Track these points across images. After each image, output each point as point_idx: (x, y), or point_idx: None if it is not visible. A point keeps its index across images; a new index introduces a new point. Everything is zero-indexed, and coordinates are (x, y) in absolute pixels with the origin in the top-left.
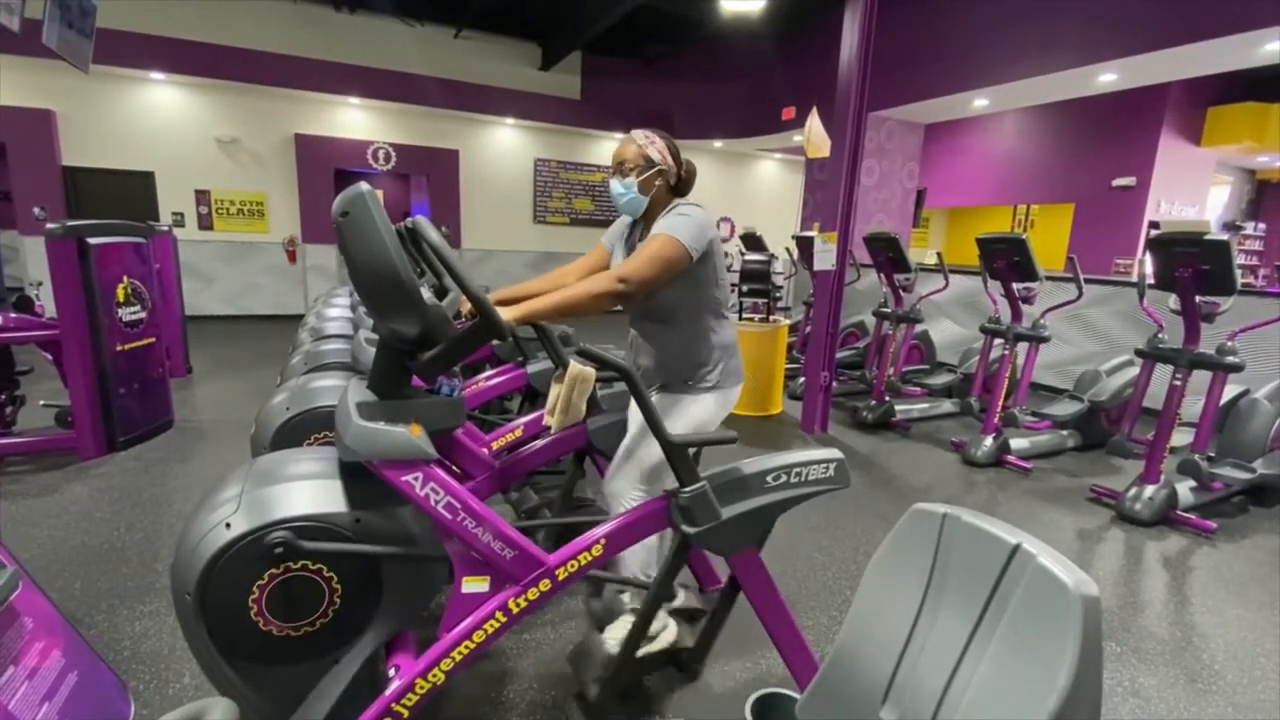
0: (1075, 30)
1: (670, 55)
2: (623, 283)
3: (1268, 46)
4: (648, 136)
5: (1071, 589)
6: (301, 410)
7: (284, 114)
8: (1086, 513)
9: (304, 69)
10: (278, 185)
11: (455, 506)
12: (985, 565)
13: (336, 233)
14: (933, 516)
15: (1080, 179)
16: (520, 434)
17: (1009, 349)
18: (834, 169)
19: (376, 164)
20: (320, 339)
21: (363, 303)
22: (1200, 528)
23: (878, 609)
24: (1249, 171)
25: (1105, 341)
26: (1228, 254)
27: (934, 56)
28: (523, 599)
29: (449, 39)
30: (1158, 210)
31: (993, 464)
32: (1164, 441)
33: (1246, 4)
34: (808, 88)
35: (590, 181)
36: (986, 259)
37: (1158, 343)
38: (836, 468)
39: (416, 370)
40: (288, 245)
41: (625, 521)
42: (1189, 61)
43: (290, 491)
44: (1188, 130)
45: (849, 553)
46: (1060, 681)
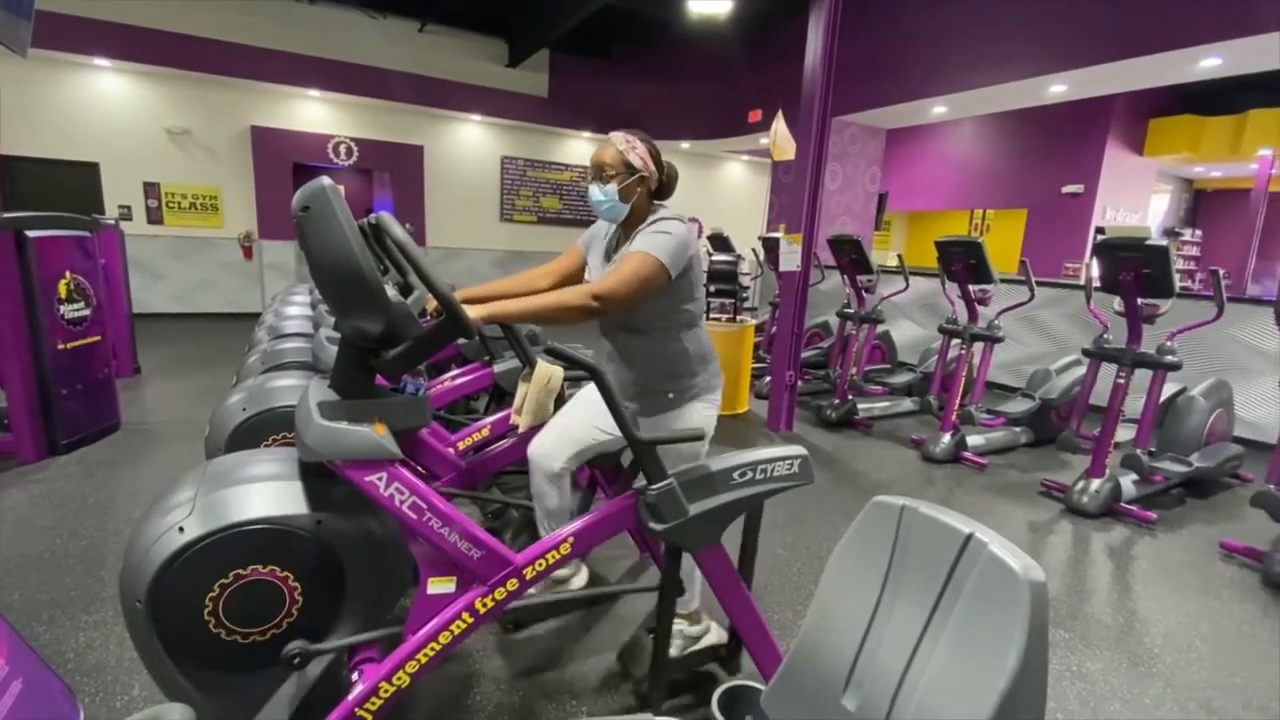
0: (1029, 42)
1: (638, 55)
2: (597, 300)
3: (1204, 62)
4: (628, 140)
5: (1020, 575)
6: (259, 410)
7: (239, 105)
8: (1037, 506)
9: (261, 59)
10: (232, 179)
11: (421, 507)
12: (940, 555)
13: (297, 228)
14: (891, 508)
15: (1032, 185)
16: (487, 433)
17: (966, 349)
18: (799, 172)
19: (338, 159)
20: (278, 338)
21: (325, 300)
22: (1142, 519)
23: (839, 600)
24: (1187, 180)
25: (1055, 342)
26: (1167, 259)
27: (896, 64)
28: (490, 599)
29: (414, 33)
30: (1104, 216)
31: (951, 460)
32: (1109, 437)
33: (1186, 22)
34: (773, 91)
35: (558, 180)
36: (944, 262)
37: (1103, 343)
38: (800, 464)
39: (381, 369)
40: (243, 241)
41: (592, 520)
42: (1133, 75)
43: (247, 493)
44: (1131, 141)
45: (813, 548)
46: (1009, 664)
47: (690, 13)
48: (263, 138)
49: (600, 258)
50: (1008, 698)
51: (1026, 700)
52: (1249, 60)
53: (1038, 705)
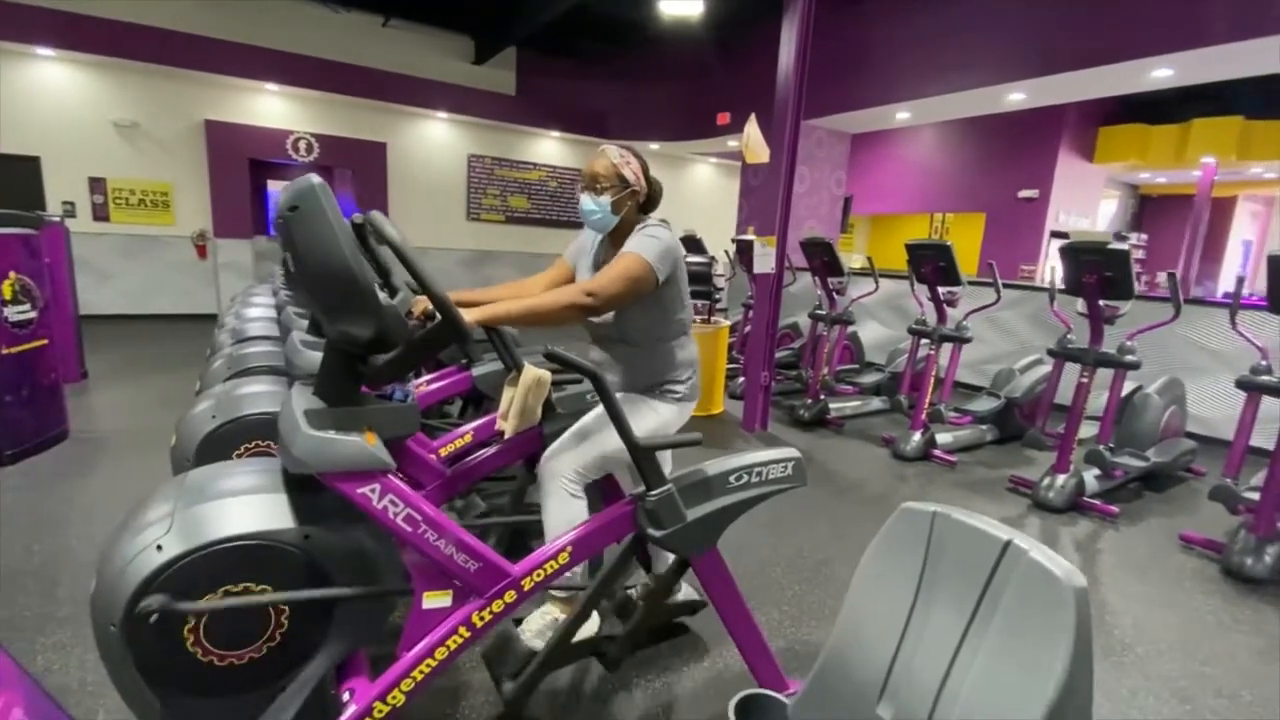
0: (990, 51)
1: (607, 55)
2: (590, 296)
3: (1154, 73)
4: (623, 155)
5: (1064, 581)
6: (230, 419)
7: (192, 98)
8: (1006, 502)
9: (215, 51)
10: (185, 175)
11: (415, 518)
12: (977, 561)
13: (281, 228)
14: (922, 515)
15: (990, 190)
16: (469, 439)
17: (935, 349)
18: (772, 175)
19: (297, 155)
20: (243, 341)
21: (309, 304)
22: (1105, 512)
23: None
24: (1133, 186)
25: (1016, 341)
26: (1127, 262)
27: (862, 70)
28: (487, 612)
29: (376, 27)
30: (1057, 221)
31: (920, 458)
32: (1074, 434)
33: (1140, 34)
34: (742, 94)
35: (526, 180)
36: (914, 264)
37: (1067, 343)
38: (794, 466)
39: (371, 375)
40: (197, 240)
41: (591, 528)
42: (1088, 84)
43: (229, 508)
44: (1082, 148)
45: (795, 547)
46: (1057, 670)
47: (662, 14)
48: (217, 132)
49: (589, 268)
50: (1056, 705)
51: (1075, 706)
52: (1198, 71)
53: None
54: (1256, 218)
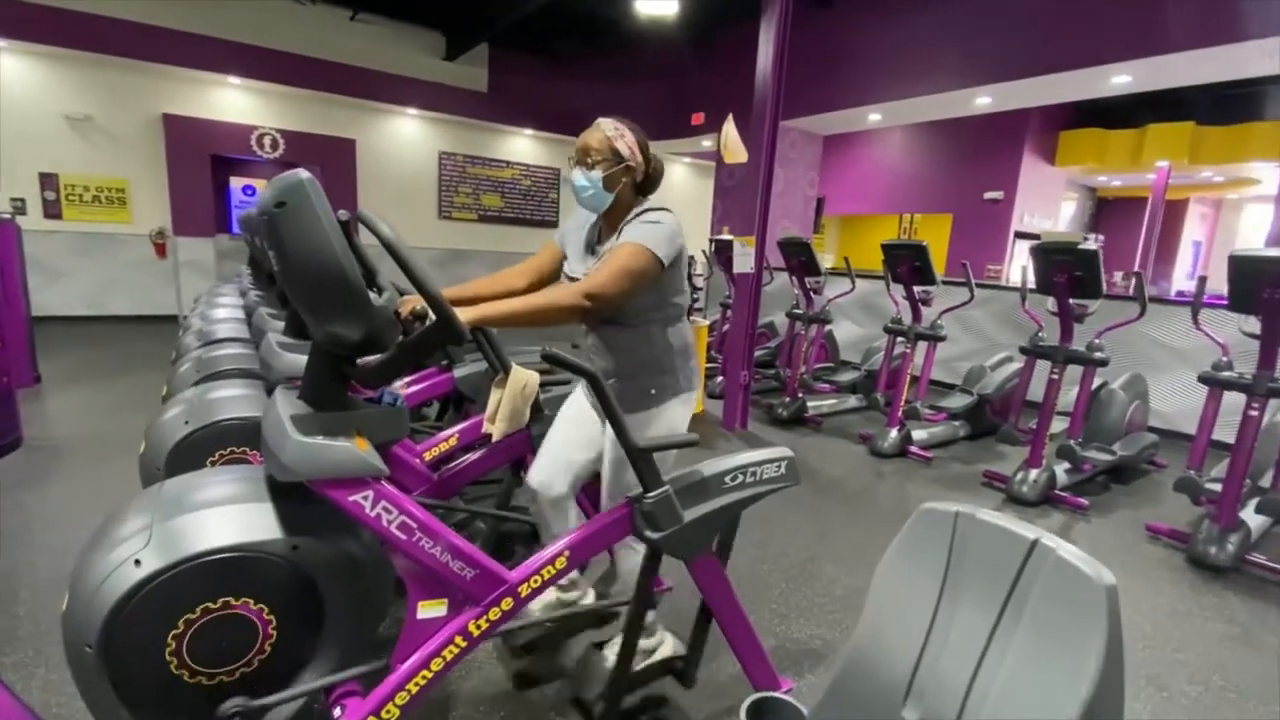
0: (958, 56)
1: (581, 53)
2: (590, 299)
3: (1116, 79)
4: (617, 128)
5: (1095, 579)
6: (202, 424)
7: (150, 91)
8: (981, 496)
9: (174, 42)
10: (142, 170)
11: (410, 526)
12: (1003, 561)
13: (264, 226)
14: (944, 516)
15: (957, 191)
16: (455, 443)
17: (910, 347)
18: (749, 176)
19: (262, 151)
20: (211, 344)
21: (295, 304)
22: (1075, 505)
23: (892, 610)
24: (1091, 189)
25: (985, 339)
26: (1097, 262)
27: (835, 72)
28: (484, 620)
29: (344, 21)
30: (1021, 221)
31: (897, 454)
32: (1046, 430)
33: (1101, 42)
34: (716, 94)
35: (499, 178)
36: (890, 264)
37: (1038, 341)
38: (788, 466)
39: (362, 377)
40: (155, 238)
41: (587, 532)
42: (1052, 89)
43: (211, 519)
44: (1044, 151)
45: (781, 545)
46: (1090, 670)
47: (638, 13)
48: (177, 127)
49: (580, 250)
50: (1090, 705)
51: (1108, 706)
52: (1155, 78)
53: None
54: (1205, 219)
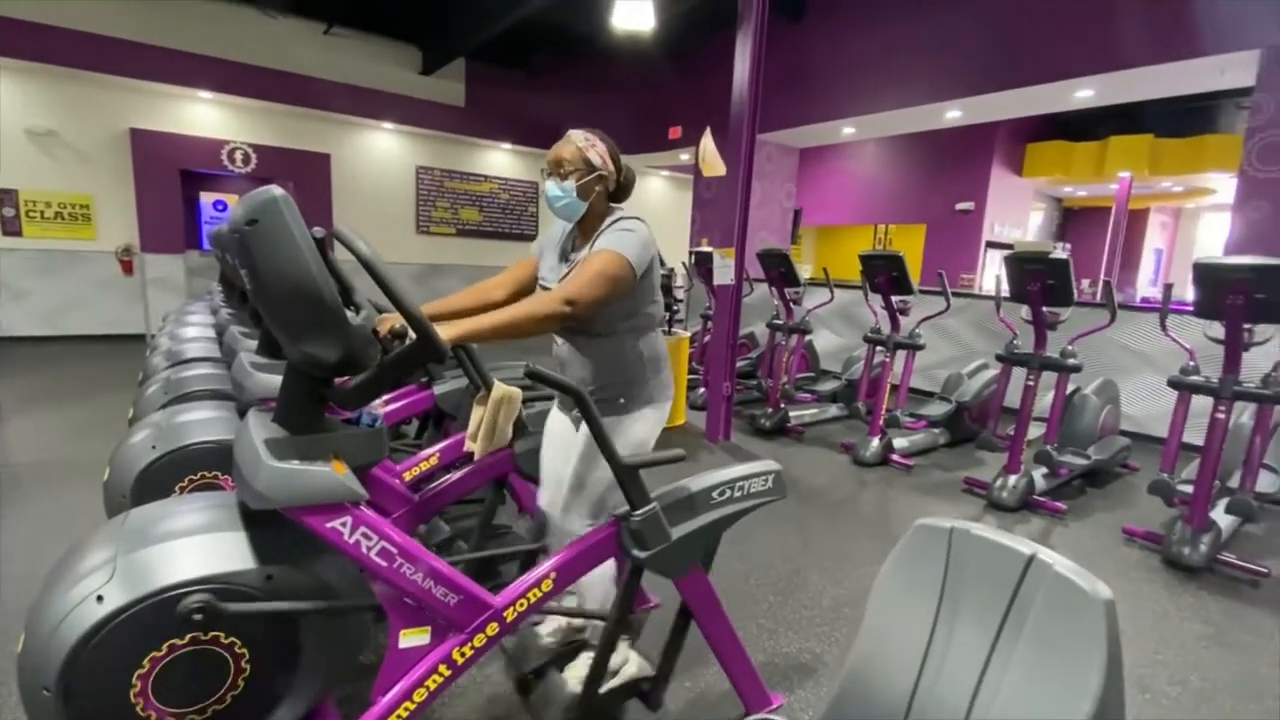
0: (930, 71)
1: (558, 68)
2: (569, 305)
3: (1078, 93)
4: (588, 138)
5: (1092, 594)
6: (171, 449)
7: (116, 105)
8: (963, 503)
9: (142, 56)
10: (108, 186)
11: (391, 552)
12: (1000, 576)
13: (236, 243)
14: (939, 531)
15: (929, 202)
16: (435, 462)
17: (890, 356)
18: (728, 188)
19: (234, 166)
20: (180, 364)
21: (269, 324)
22: (1053, 510)
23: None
24: (1057, 199)
25: (960, 346)
26: (1068, 271)
27: (809, 87)
28: (468, 647)
29: (318, 35)
30: (992, 231)
31: (879, 463)
32: (1023, 436)
33: (1065, 57)
34: (693, 108)
35: (477, 191)
36: (868, 274)
37: (1014, 348)
38: (774, 479)
39: (341, 399)
40: (121, 255)
41: (574, 552)
42: (1019, 102)
43: (179, 550)
44: (1012, 163)
45: (766, 558)
46: (1093, 685)
47: (615, 30)
48: (144, 141)
49: (554, 259)
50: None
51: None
52: (1117, 92)
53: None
54: (1166, 228)
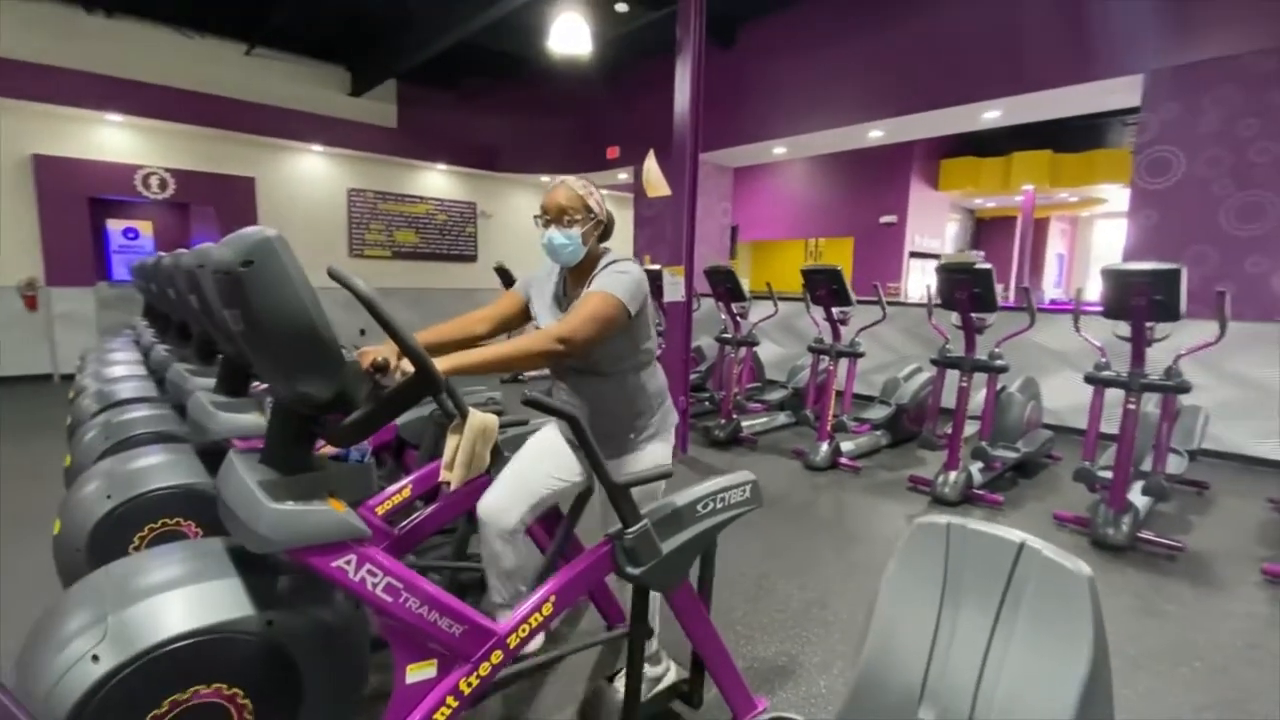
0: (854, 94)
1: (491, 88)
2: (563, 343)
3: (987, 114)
4: (585, 185)
5: (1076, 573)
6: (128, 497)
7: (16, 131)
8: (909, 500)
9: (43, 78)
10: (9, 217)
11: (396, 587)
12: (995, 564)
13: (224, 285)
14: (937, 528)
15: (856, 216)
16: (408, 494)
17: (833, 365)
18: (673, 208)
19: (148, 191)
20: (116, 406)
21: (257, 364)
22: (992, 502)
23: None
24: (970, 211)
25: (893, 352)
26: (991, 279)
27: (742, 109)
28: (474, 677)
29: (238, 55)
30: (914, 242)
31: (830, 467)
32: (960, 434)
33: (975, 81)
34: (630, 128)
35: (413, 213)
36: (810, 287)
37: (946, 352)
38: (751, 489)
39: (336, 436)
40: (24, 290)
41: (571, 574)
42: (934, 123)
43: (173, 601)
44: (928, 178)
45: (735, 567)
46: (1084, 654)
47: (551, 53)
48: (49, 168)
49: (548, 303)
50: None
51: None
52: (1021, 113)
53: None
54: (1065, 235)
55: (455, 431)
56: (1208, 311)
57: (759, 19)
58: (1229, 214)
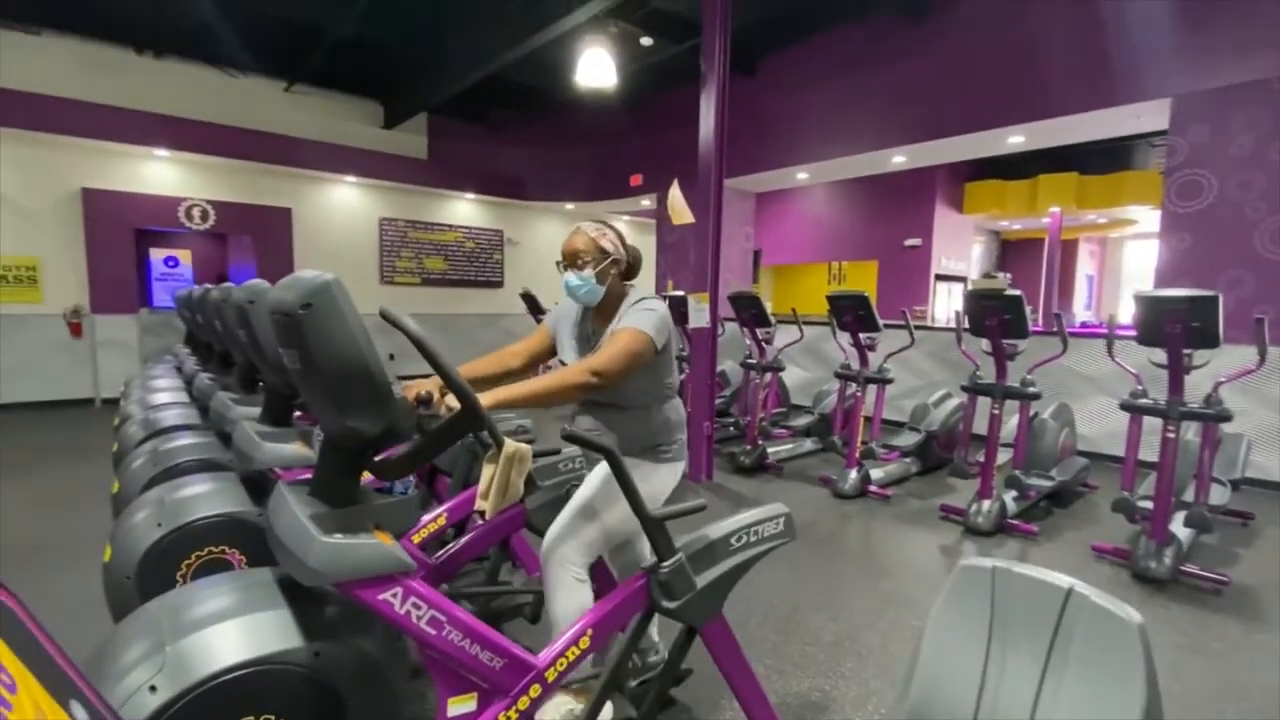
0: (876, 120)
1: (519, 121)
2: (596, 376)
3: (1011, 139)
4: (599, 228)
5: (1127, 621)
6: (177, 525)
7: (68, 166)
8: (942, 530)
9: (95, 116)
10: (57, 247)
11: (440, 620)
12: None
13: (282, 325)
14: (982, 571)
15: (880, 240)
16: (443, 522)
17: (861, 391)
18: (699, 235)
19: (191, 223)
20: (161, 434)
21: (309, 400)
22: (1027, 532)
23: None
24: (995, 233)
25: (921, 376)
26: (1022, 306)
27: (765, 136)
28: (513, 711)
29: (278, 92)
30: (940, 265)
31: (858, 495)
32: (993, 462)
33: (999, 108)
34: (653, 156)
35: (442, 241)
36: (837, 313)
37: (977, 379)
38: (785, 521)
39: (385, 470)
40: (70, 317)
41: (607, 608)
42: (958, 148)
43: (228, 632)
44: (953, 201)
45: (765, 598)
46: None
47: (577, 86)
48: (97, 201)
49: (572, 341)
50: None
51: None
52: (1044, 138)
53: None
54: (1094, 256)
55: (490, 461)
56: (1244, 336)
57: (780, 50)
58: (1264, 237)
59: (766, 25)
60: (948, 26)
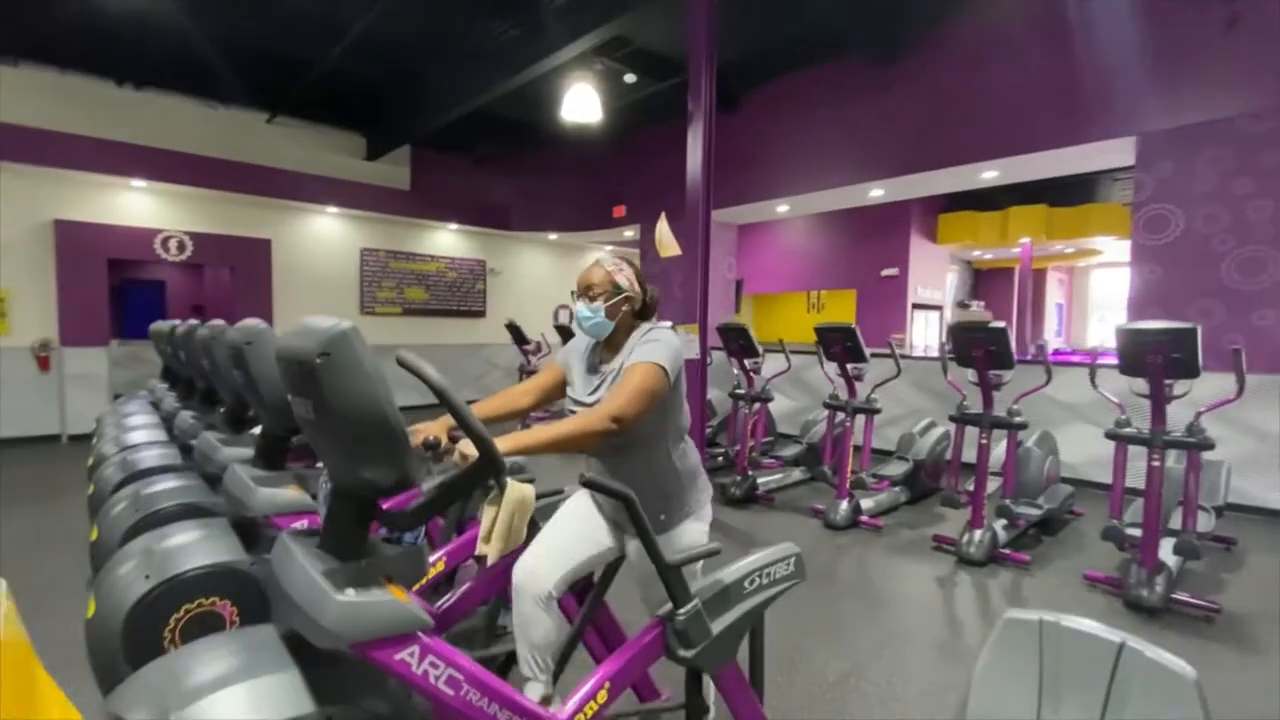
0: (854, 155)
1: (502, 153)
2: (616, 421)
3: (984, 174)
4: (616, 264)
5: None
6: (166, 578)
7: (39, 196)
8: (934, 560)
9: (68, 146)
10: (26, 279)
11: (458, 679)
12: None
13: (297, 373)
14: (1029, 625)
15: (858, 269)
16: (442, 568)
17: (849, 421)
18: (688, 267)
19: (167, 254)
20: (142, 477)
21: (319, 449)
22: (1018, 561)
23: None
24: (968, 262)
25: (904, 405)
26: (1006, 337)
27: (746, 170)
28: None
29: (259, 124)
30: (915, 294)
31: (850, 525)
32: (983, 492)
33: (973, 144)
34: (636, 188)
35: (424, 271)
36: (825, 344)
37: (964, 409)
38: (795, 562)
39: (399, 520)
40: (39, 350)
41: (624, 658)
42: (933, 182)
43: (234, 698)
44: (928, 232)
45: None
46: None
47: (563, 120)
48: (70, 233)
49: (582, 372)
50: None
51: None
52: (1017, 172)
53: None
54: (1063, 284)
55: (493, 504)
56: (1218, 365)
57: (761, 87)
58: (1230, 268)
59: (748, 64)
60: (920, 67)
